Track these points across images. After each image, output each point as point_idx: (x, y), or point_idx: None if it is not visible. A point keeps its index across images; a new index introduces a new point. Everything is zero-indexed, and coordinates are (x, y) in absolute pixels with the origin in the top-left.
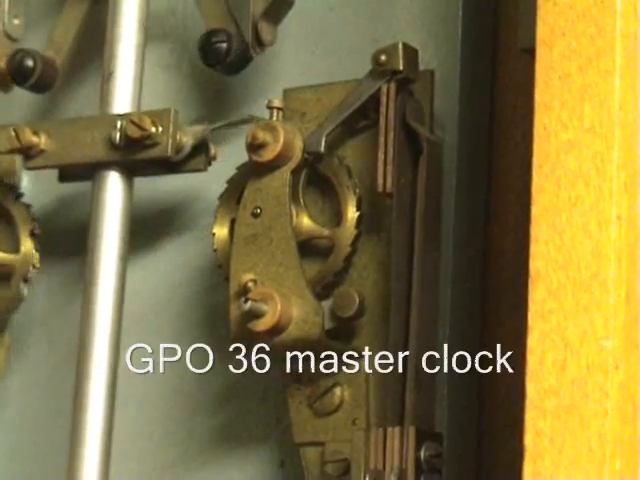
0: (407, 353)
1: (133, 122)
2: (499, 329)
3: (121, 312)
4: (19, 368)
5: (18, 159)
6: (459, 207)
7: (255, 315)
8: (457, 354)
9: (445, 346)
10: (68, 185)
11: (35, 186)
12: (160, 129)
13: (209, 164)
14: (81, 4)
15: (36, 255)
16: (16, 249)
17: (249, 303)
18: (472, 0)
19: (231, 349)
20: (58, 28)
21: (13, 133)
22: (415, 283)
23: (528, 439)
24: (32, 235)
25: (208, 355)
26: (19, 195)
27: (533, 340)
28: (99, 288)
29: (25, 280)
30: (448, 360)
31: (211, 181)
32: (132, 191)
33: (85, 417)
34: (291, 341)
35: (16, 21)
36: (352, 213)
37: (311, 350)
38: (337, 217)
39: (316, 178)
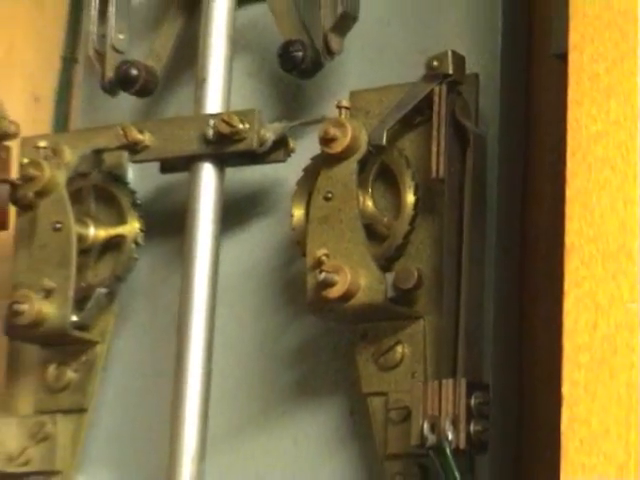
0: (458, 315)
1: (224, 120)
2: (536, 295)
3: (216, 283)
4: (125, 333)
5: (124, 154)
6: (501, 190)
7: (328, 284)
8: (501, 315)
9: (491, 308)
10: (167, 175)
11: (139, 177)
12: (247, 126)
13: (288, 156)
14: (177, 21)
15: (140, 233)
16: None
17: (323, 274)
18: (510, 13)
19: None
20: (158, 41)
21: (121, 132)
22: (464, 256)
23: (565, 389)
24: (137, 217)
25: (287, 318)
26: (125, 183)
27: (569, 304)
28: (196, 263)
29: (136, 243)
30: (493, 320)
31: (290, 170)
32: (223, 179)
33: (186, 375)
34: (359, 306)
35: (121, 36)
36: (410, 197)
37: (376, 314)
38: (397, 201)
39: (379, 168)
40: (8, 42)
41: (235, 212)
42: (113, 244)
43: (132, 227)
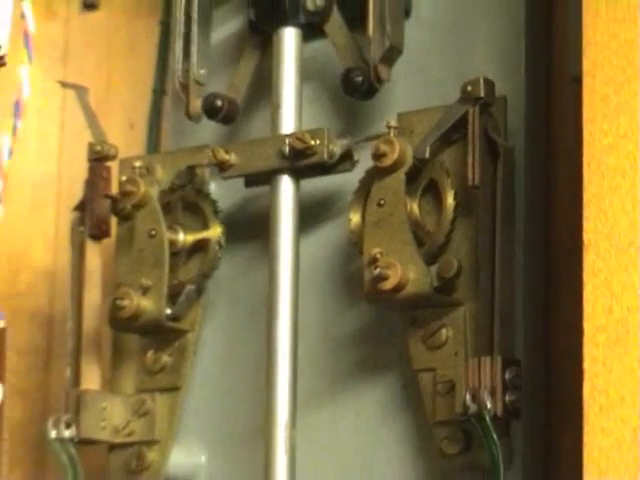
0: (493, 301)
1: (297, 138)
2: (559, 284)
3: (297, 277)
4: (212, 322)
5: (207, 171)
6: (527, 194)
7: (382, 278)
8: (529, 300)
9: (521, 295)
10: (248, 189)
11: (225, 190)
12: (317, 142)
13: (354, 166)
14: (252, 57)
15: (219, 254)
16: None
17: (378, 269)
18: (532, 44)
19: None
20: (237, 75)
21: (211, 153)
22: (497, 251)
23: (586, 364)
24: (220, 236)
25: (348, 307)
26: (208, 195)
27: (587, 291)
28: (280, 261)
29: (219, 245)
30: (523, 305)
31: (355, 177)
32: (299, 189)
33: (277, 356)
34: (408, 296)
35: (202, 71)
36: (450, 202)
37: (423, 302)
38: (439, 205)
39: (423, 178)
40: (107, 79)
41: (310, 217)
42: (199, 247)
43: (215, 232)
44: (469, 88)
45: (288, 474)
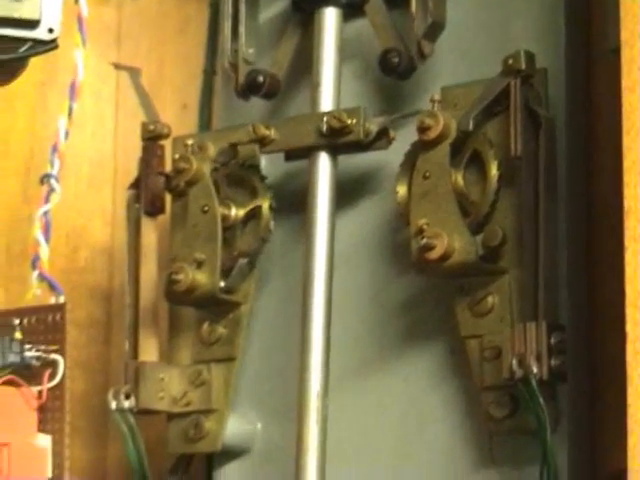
0: (537, 268)
1: (335, 117)
2: (601, 249)
3: (332, 251)
4: (264, 294)
5: (256, 147)
6: (569, 165)
7: (429, 248)
8: (573, 266)
9: (564, 261)
10: (291, 163)
11: (270, 165)
12: (354, 121)
13: (389, 144)
14: (295, 35)
15: (271, 223)
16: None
17: (424, 240)
18: (571, 16)
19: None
20: (279, 52)
21: (252, 129)
22: (540, 218)
23: (628, 327)
24: (270, 207)
25: (396, 277)
26: (258, 170)
27: (628, 255)
28: (317, 235)
29: (271, 210)
30: (567, 271)
31: (392, 156)
32: (336, 166)
33: (311, 326)
34: (455, 265)
35: (250, 50)
36: (494, 172)
37: (469, 270)
38: (483, 176)
39: (467, 150)
40: (160, 61)
41: (347, 192)
42: (252, 217)
43: (265, 200)
44: (510, 61)
45: (319, 445)
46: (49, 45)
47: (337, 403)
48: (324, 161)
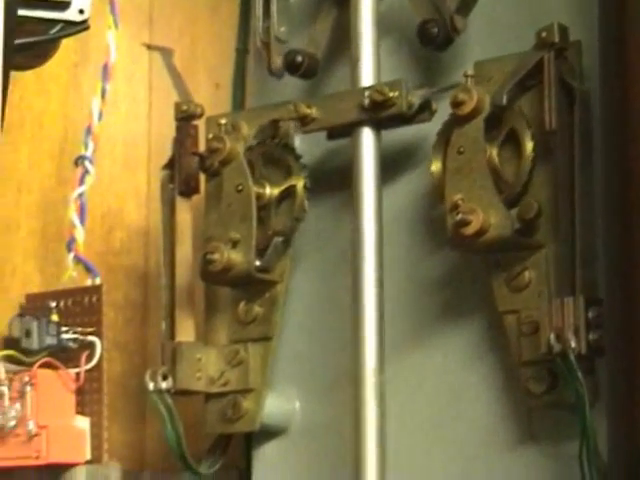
0: (574, 242)
1: (376, 90)
2: (637, 220)
3: (381, 226)
4: (300, 273)
5: (292, 125)
6: (604, 137)
7: (464, 223)
8: (609, 239)
9: (600, 234)
10: (331, 142)
11: (308, 145)
12: (396, 93)
13: (432, 116)
14: (331, 13)
15: (305, 202)
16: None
17: (460, 215)
18: None
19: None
20: (316, 31)
21: (293, 108)
22: (576, 191)
23: None
24: (304, 187)
25: (433, 253)
26: (293, 149)
27: None
28: (364, 211)
29: (306, 190)
30: (603, 244)
31: (434, 128)
32: (380, 140)
33: (363, 302)
34: (490, 240)
35: (282, 29)
36: (529, 146)
37: (505, 245)
38: (518, 150)
39: (502, 124)
40: (192, 41)
41: (391, 166)
42: (286, 196)
43: (299, 179)
44: (543, 34)
45: (378, 419)
46: (80, 26)
47: None
48: (368, 136)
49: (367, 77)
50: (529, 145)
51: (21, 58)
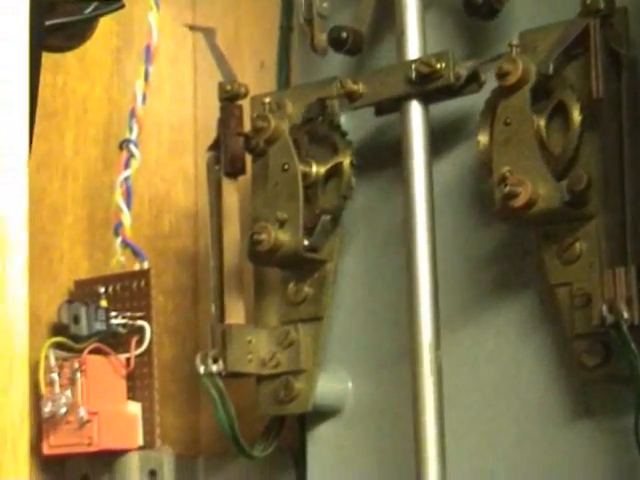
0: (624, 211)
1: (423, 62)
2: None
3: (433, 201)
4: (349, 251)
5: (337, 103)
6: None
7: (513, 196)
8: None
9: None
10: (377, 118)
11: (355, 122)
12: (443, 65)
13: (480, 87)
14: None
15: (352, 179)
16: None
17: (508, 187)
18: None
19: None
20: (360, 6)
21: (339, 84)
22: (625, 160)
23: None
24: (351, 164)
25: (482, 226)
26: (338, 127)
27: None
28: (415, 185)
29: (353, 166)
30: None
31: (483, 99)
32: (428, 114)
33: (418, 278)
34: (540, 212)
35: (325, 4)
36: (577, 116)
37: (555, 217)
38: (566, 121)
39: (548, 94)
40: (235, 21)
41: (440, 140)
42: (333, 174)
43: (346, 156)
44: (589, 1)
45: (436, 396)
46: (115, 5)
47: None
48: (416, 110)
49: (413, 50)
50: (577, 115)
51: (55, 39)
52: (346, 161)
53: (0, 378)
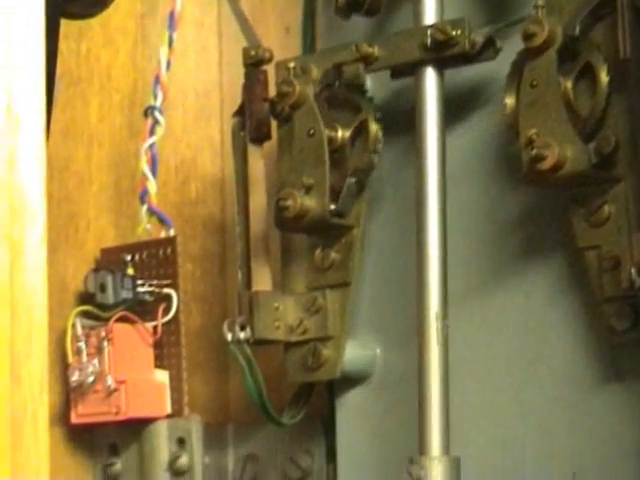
0: None
1: (438, 29)
2: None
3: (444, 167)
4: (376, 217)
5: (361, 66)
6: None
7: (539, 159)
8: None
9: None
10: (397, 82)
11: (375, 86)
12: (458, 32)
13: (496, 54)
14: None
15: (379, 133)
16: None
17: (534, 150)
18: None
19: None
20: None
21: (355, 48)
22: None
23: None
24: (376, 120)
25: (509, 190)
26: (364, 91)
27: None
28: (428, 151)
29: (375, 150)
30: None
31: (500, 67)
32: (443, 80)
33: (427, 247)
34: (567, 175)
35: None
36: (604, 77)
37: (583, 180)
38: (593, 82)
39: (575, 56)
40: None
41: (456, 108)
42: (358, 136)
43: (371, 117)
44: None
45: (441, 366)
46: None
47: (457, 323)
48: (430, 76)
49: (429, 15)
50: (604, 77)
51: (77, 7)
52: (370, 117)
53: (19, 348)
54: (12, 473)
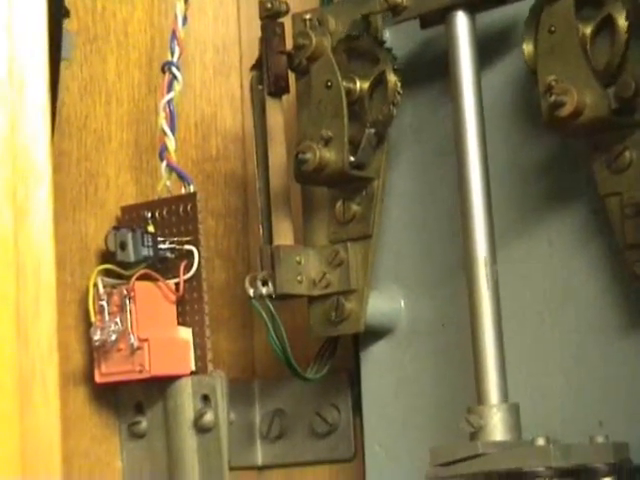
0: None
1: None
2: None
3: (482, 111)
4: (397, 167)
5: (379, 18)
6: None
7: (559, 105)
8: None
9: None
10: (421, 33)
11: (399, 37)
12: None
13: None
14: None
15: (398, 84)
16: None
17: (553, 97)
18: None
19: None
20: None
21: None
22: None
23: None
24: (394, 70)
25: (530, 137)
26: (382, 42)
27: None
28: (464, 96)
29: (394, 101)
30: None
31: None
32: (475, 24)
33: (471, 193)
34: (587, 121)
35: None
36: (622, 22)
37: (603, 125)
38: (612, 28)
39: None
40: None
41: (488, 50)
42: (377, 88)
43: (389, 68)
44: None
45: (493, 310)
46: None
47: None
48: (462, 20)
49: None
50: (622, 21)
51: None
52: (388, 68)
53: (27, 309)
54: (22, 435)
